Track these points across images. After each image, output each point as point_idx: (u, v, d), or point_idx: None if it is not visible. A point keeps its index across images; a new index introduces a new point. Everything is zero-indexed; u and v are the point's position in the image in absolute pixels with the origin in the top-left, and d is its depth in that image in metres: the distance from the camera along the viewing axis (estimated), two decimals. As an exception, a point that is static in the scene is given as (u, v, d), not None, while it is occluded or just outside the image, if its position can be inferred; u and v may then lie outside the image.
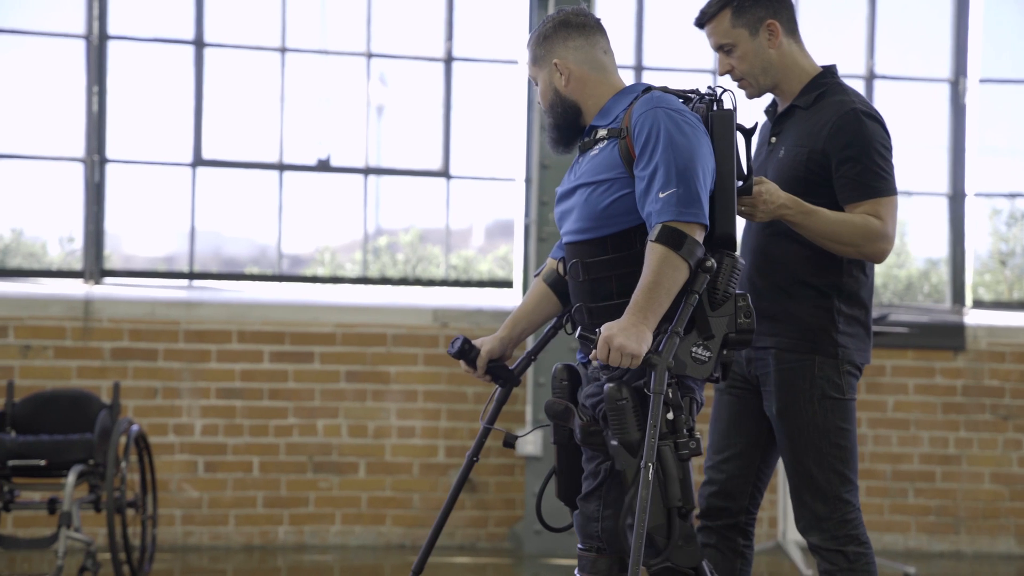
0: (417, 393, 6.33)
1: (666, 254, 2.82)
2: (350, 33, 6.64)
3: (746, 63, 3.24)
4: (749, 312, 2.91)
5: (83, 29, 6.33)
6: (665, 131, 2.88)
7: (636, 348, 2.78)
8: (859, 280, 3.21)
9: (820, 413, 3.15)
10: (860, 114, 3.15)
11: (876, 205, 3.12)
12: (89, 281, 6.32)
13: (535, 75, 3.11)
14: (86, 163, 6.31)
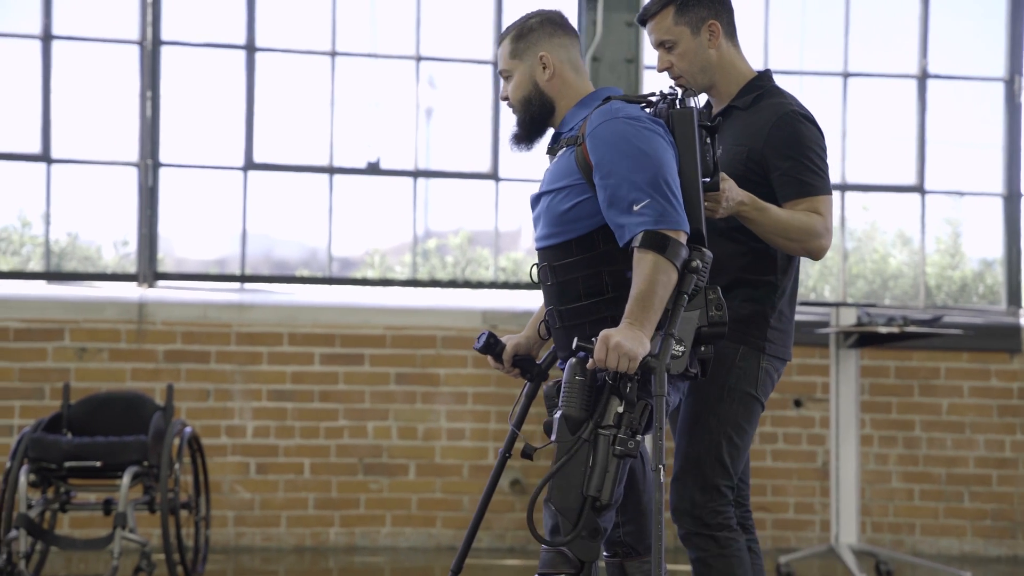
0: (467, 395, 6.35)
1: (655, 260, 2.85)
2: (399, 36, 6.67)
3: (685, 61, 3.28)
4: (720, 305, 2.93)
5: (137, 35, 6.40)
6: (627, 143, 2.92)
7: (633, 350, 2.79)
8: (788, 275, 3.27)
9: (727, 402, 3.18)
10: (798, 116, 3.22)
11: (815, 203, 3.17)
12: (143, 284, 6.39)
13: (511, 68, 3.10)
14: (140, 167, 6.38)
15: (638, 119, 2.96)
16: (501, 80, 3.15)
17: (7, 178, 6.44)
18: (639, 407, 2.86)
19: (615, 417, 2.84)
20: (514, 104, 3.11)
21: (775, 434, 6.48)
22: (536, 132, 3.10)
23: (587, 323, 2.94)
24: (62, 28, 6.37)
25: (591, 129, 2.97)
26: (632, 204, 2.89)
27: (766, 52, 6.82)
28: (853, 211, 6.98)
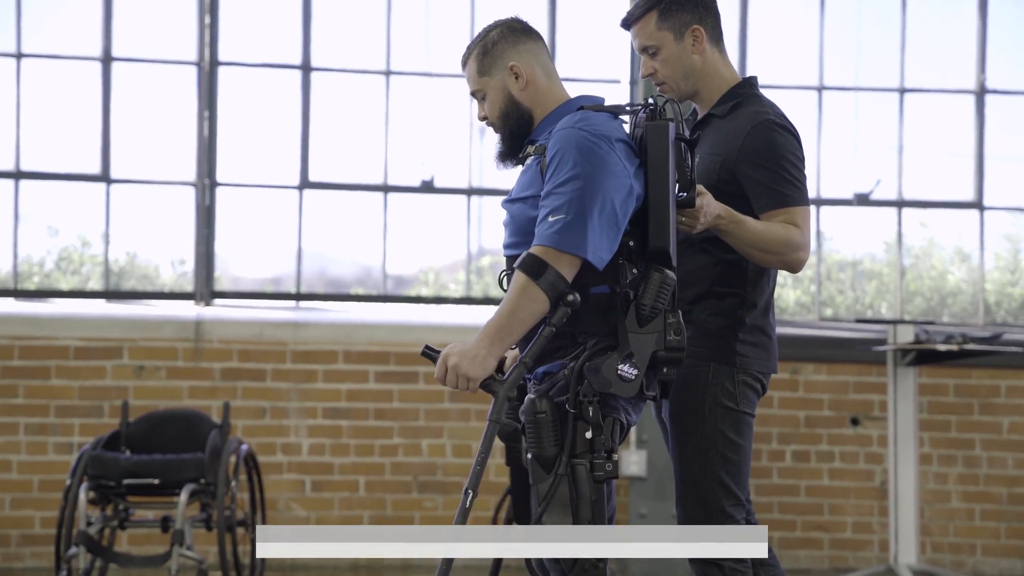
0: (521, 413, 6.33)
1: (525, 283, 2.77)
2: (453, 55, 6.70)
3: (669, 67, 3.20)
4: (679, 329, 2.83)
5: (195, 56, 6.47)
6: (573, 156, 2.82)
7: (469, 371, 2.75)
8: (761, 289, 3.18)
9: (710, 421, 3.11)
10: (774, 124, 3.13)
11: (792, 214, 3.09)
12: (200, 303, 6.45)
13: (482, 88, 2.99)
14: (197, 187, 6.45)
15: (597, 133, 2.85)
16: (475, 102, 3.04)
17: (68, 198, 6.53)
18: (608, 425, 2.81)
19: (586, 443, 2.78)
20: (494, 122, 3.00)
21: (832, 452, 6.43)
22: (520, 146, 3.01)
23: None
24: (121, 50, 6.46)
25: (553, 138, 2.89)
26: (548, 214, 2.81)
27: (821, 68, 6.78)
28: (911, 228, 6.91)
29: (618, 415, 2.86)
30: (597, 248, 2.80)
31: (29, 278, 6.52)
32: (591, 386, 2.79)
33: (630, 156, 2.88)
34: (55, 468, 5.96)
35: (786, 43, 6.91)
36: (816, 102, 6.79)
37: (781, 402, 6.40)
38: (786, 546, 6.38)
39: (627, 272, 2.86)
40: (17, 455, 5.97)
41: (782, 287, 6.99)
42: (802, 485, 6.41)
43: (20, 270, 6.44)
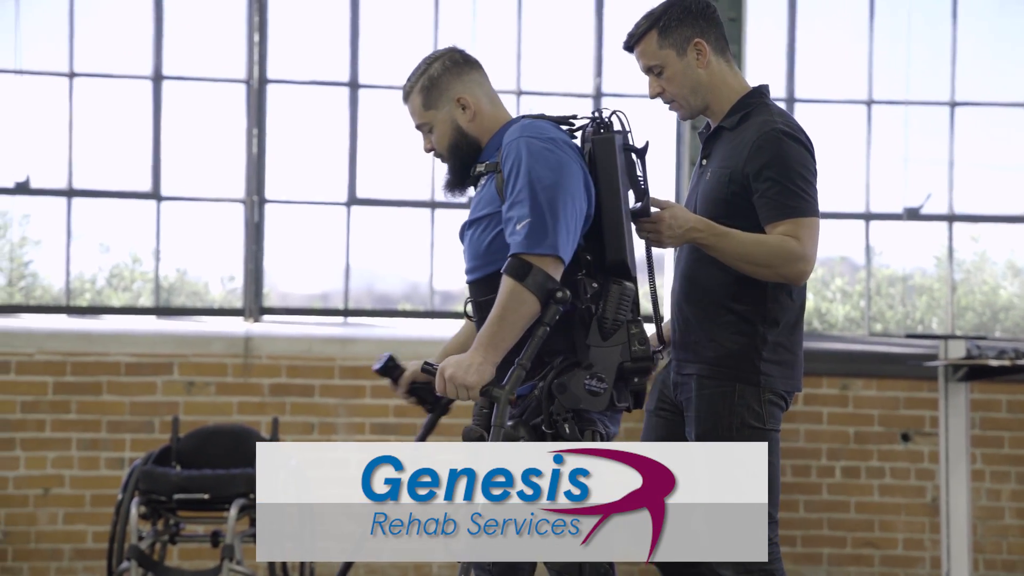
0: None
1: (512, 287, 2.78)
2: (500, 71, 6.72)
3: (675, 84, 3.17)
4: (643, 339, 2.84)
5: (244, 74, 6.53)
6: (526, 162, 2.83)
7: (466, 379, 2.76)
8: (784, 305, 3.11)
9: (739, 442, 3.06)
10: (781, 134, 3.07)
11: (795, 226, 3.03)
12: (249, 319, 6.49)
13: (429, 121, 3.03)
14: (246, 203, 6.50)
15: (542, 137, 2.87)
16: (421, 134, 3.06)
17: (120, 216, 6.60)
18: (587, 439, 2.81)
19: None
20: (443, 154, 3.03)
21: (882, 468, 6.37)
22: (467, 175, 3.02)
23: (511, 362, 2.83)
24: (171, 68, 6.53)
25: (503, 150, 2.90)
26: (516, 223, 2.82)
27: (870, 81, 6.74)
28: (961, 242, 6.85)
29: (596, 427, 2.85)
30: (565, 245, 2.81)
31: (81, 295, 6.59)
32: (562, 404, 2.80)
33: (580, 161, 2.90)
34: (107, 483, 6.01)
35: (835, 57, 6.87)
36: (865, 116, 6.75)
37: (831, 418, 6.35)
38: (836, 563, 6.33)
39: (587, 287, 2.85)
40: (70, 470, 6.04)
41: (831, 302, 6.94)
42: (852, 501, 6.35)
43: (72, 287, 6.51)
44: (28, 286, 6.54)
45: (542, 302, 2.78)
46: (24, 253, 6.54)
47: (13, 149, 6.43)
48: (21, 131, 6.48)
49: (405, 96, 3.06)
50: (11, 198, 6.45)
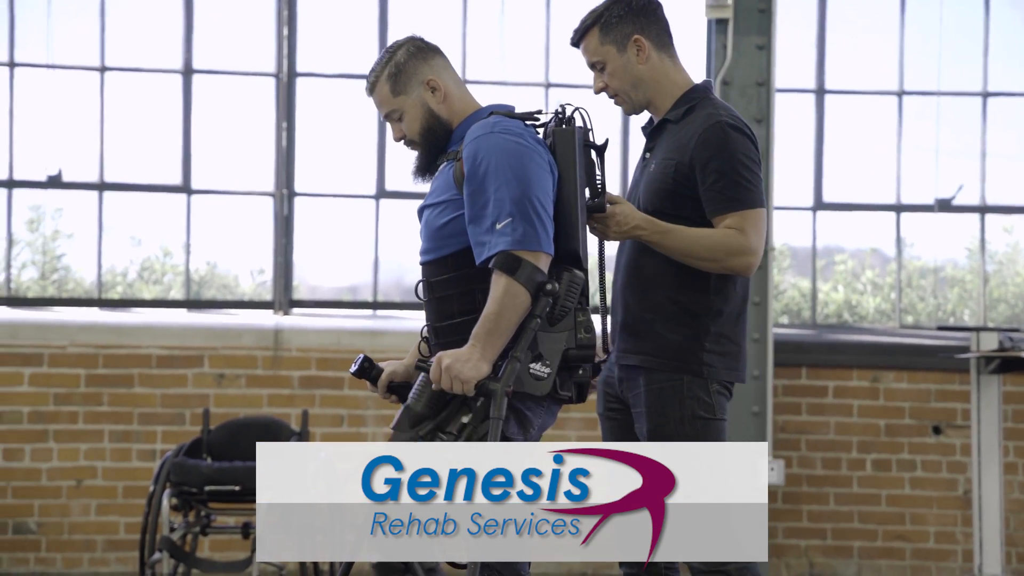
0: (579, 419, 6.32)
1: (506, 283, 2.82)
2: (528, 63, 6.71)
3: (617, 79, 3.24)
4: (590, 327, 2.88)
5: (273, 68, 6.55)
6: (497, 159, 2.86)
7: (464, 374, 2.79)
8: (728, 296, 3.15)
9: (691, 435, 3.10)
10: (726, 126, 3.12)
11: (741, 218, 3.08)
12: (278, 312, 6.51)
13: (399, 107, 3.04)
14: (276, 197, 6.52)
15: (515, 134, 2.90)
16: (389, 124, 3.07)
17: (150, 209, 6.63)
18: (486, 425, 2.82)
19: (459, 427, 2.83)
20: (415, 139, 3.05)
21: (913, 461, 6.33)
22: (436, 159, 3.05)
23: (462, 340, 2.88)
24: (201, 62, 6.55)
25: (467, 142, 2.93)
26: (495, 223, 2.85)
27: (901, 72, 6.69)
28: (994, 233, 6.80)
29: (506, 425, 2.87)
30: (547, 240, 2.86)
31: (113, 288, 6.63)
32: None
33: (547, 155, 2.94)
34: (139, 475, 6.06)
35: (865, 47, 6.83)
36: (896, 107, 6.71)
37: (861, 410, 6.33)
38: (867, 556, 6.30)
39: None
40: (102, 461, 6.08)
41: (861, 294, 6.91)
42: (883, 494, 6.32)
43: (104, 280, 6.55)
44: (61, 279, 6.59)
45: (532, 295, 2.83)
46: (57, 246, 6.59)
47: (45, 143, 6.47)
48: (53, 125, 6.52)
49: (371, 87, 3.07)
50: (44, 192, 6.49)
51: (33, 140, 6.46)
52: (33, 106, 6.47)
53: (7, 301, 6.41)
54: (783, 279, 6.87)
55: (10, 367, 6.02)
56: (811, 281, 6.77)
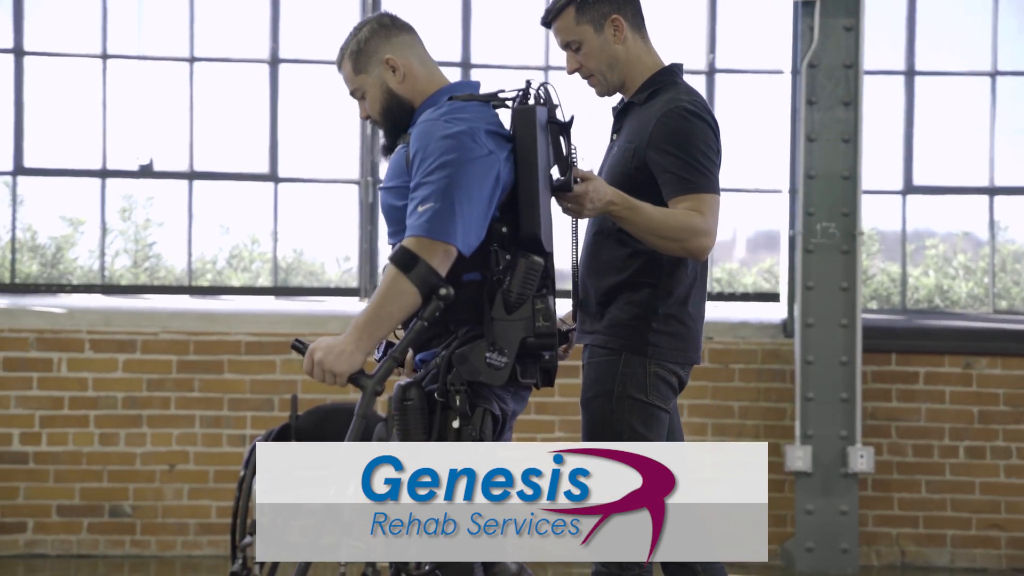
0: (682, 407, 6.28)
1: (395, 277, 2.76)
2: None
3: (592, 60, 3.20)
4: (548, 315, 2.81)
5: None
6: (437, 146, 2.81)
7: (335, 366, 2.75)
8: (678, 278, 3.16)
9: (617, 411, 3.08)
10: (684, 111, 3.10)
11: (697, 201, 3.06)
12: (364, 298, 6.57)
13: (360, 86, 3.01)
14: (361, 185, 6.57)
15: (459, 122, 2.84)
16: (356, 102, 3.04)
17: (239, 197, 6.73)
18: (477, 415, 2.79)
19: (453, 433, 2.77)
20: (377, 119, 3.01)
21: (1008, 449, 6.21)
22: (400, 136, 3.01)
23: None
24: (288, 52, 6.62)
25: (415, 126, 2.89)
26: (417, 205, 2.79)
27: (994, 52, 6.55)
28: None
29: (489, 405, 2.83)
30: (466, 235, 2.78)
31: (203, 275, 6.74)
32: (459, 374, 2.78)
33: (499, 143, 2.86)
34: (229, 459, 6.15)
35: (957, 28, 6.70)
36: (989, 88, 6.57)
37: (953, 397, 6.22)
38: (960, 544, 6.20)
39: (499, 259, 2.84)
40: (194, 447, 6.18)
41: (953, 279, 6.79)
42: (977, 482, 6.21)
43: (194, 268, 6.66)
44: (152, 267, 6.71)
45: (424, 296, 2.77)
46: (148, 235, 6.71)
47: (137, 133, 6.59)
48: (144, 116, 6.64)
49: (338, 64, 3.07)
50: (135, 181, 6.61)
51: (125, 130, 6.58)
52: (125, 97, 6.58)
53: (102, 289, 6.54)
54: (872, 264, 6.77)
55: (105, 353, 6.15)
56: (901, 266, 6.67)
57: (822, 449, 6.05)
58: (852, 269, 6.04)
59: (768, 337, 6.29)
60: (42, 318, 6.15)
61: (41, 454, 6.10)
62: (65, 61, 6.56)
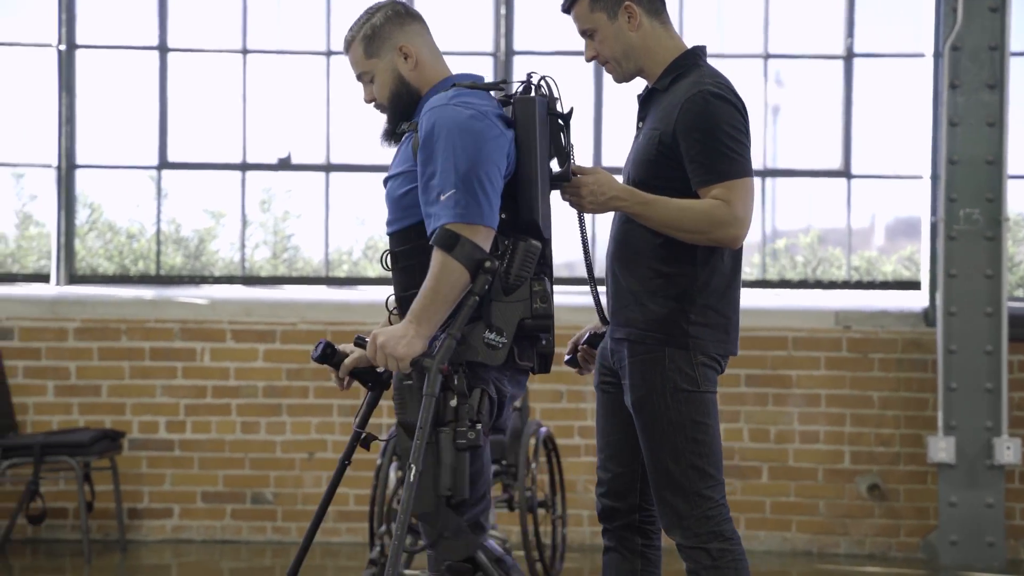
0: (820, 397, 6.20)
1: (443, 259, 2.79)
2: (746, 35, 6.60)
3: (607, 47, 3.17)
4: (545, 297, 2.86)
5: (491, 47, 6.62)
6: (448, 131, 2.83)
7: (398, 351, 2.77)
8: (715, 268, 3.08)
9: (673, 407, 3.05)
10: (708, 95, 3.04)
11: (726, 189, 3.01)
12: (498, 288, 6.60)
13: (370, 70, 3.02)
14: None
15: (470, 106, 2.86)
16: (362, 85, 3.05)
17: (374, 189, 6.81)
18: (474, 396, 2.83)
19: (451, 412, 2.80)
20: (383, 103, 3.03)
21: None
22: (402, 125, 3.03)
23: None
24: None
25: (423, 113, 2.90)
26: (439, 194, 2.82)
27: None
28: None
29: (487, 387, 2.88)
30: (491, 213, 2.84)
31: (339, 266, 6.85)
32: (459, 355, 2.83)
33: (505, 127, 2.91)
34: (366, 448, 6.23)
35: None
36: None
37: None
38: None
39: (498, 244, 2.89)
40: (332, 435, 6.29)
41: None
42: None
43: (331, 259, 6.77)
44: (291, 258, 6.84)
45: (471, 272, 2.82)
46: (286, 227, 6.84)
47: (276, 127, 6.72)
48: (283, 110, 6.76)
49: (347, 46, 3.08)
50: (274, 174, 6.75)
51: (264, 124, 6.71)
52: (264, 92, 6.72)
53: (242, 280, 6.69)
54: (1018, 251, 6.59)
55: (246, 343, 6.29)
56: (1048, 252, 6.47)
57: (966, 440, 5.91)
58: (997, 256, 5.89)
59: (909, 326, 6.17)
60: (186, 309, 6.31)
61: (186, 442, 6.26)
62: (207, 57, 6.72)
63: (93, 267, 6.69)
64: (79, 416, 6.23)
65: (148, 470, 6.25)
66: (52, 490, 6.18)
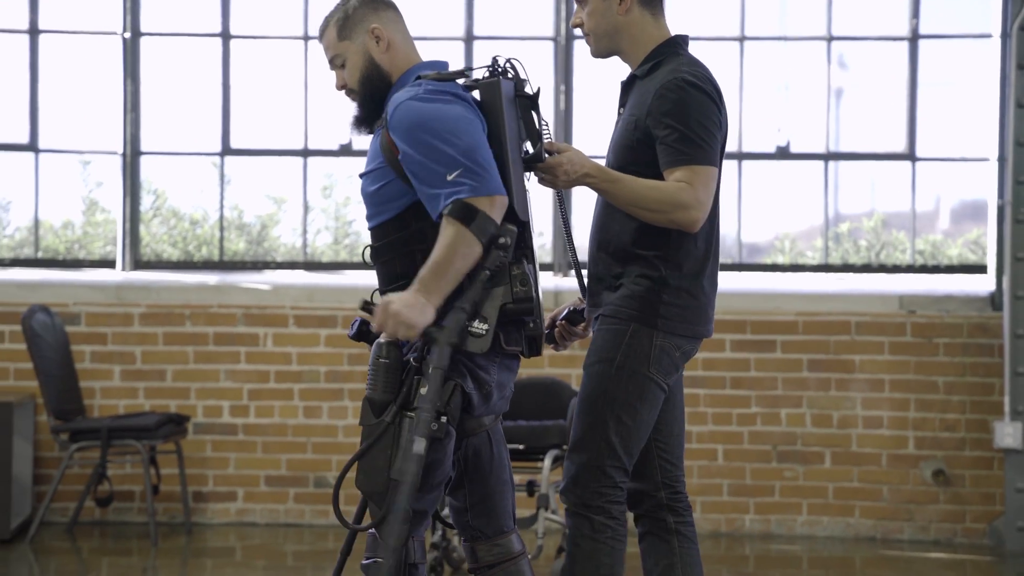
0: (883, 382, 6.15)
1: (458, 230, 2.76)
2: (809, 17, 6.54)
3: (592, 20, 3.22)
4: (525, 280, 2.84)
5: (551, 31, 6.61)
6: (431, 118, 2.83)
7: (411, 318, 2.74)
8: (688, 251, 3.14)
9: (615, 380, 3.10)
10: (684, 82, 3.10)
11: (691, 172, 3.06)
12: (558, 274, 6.61)
13: (341, 53, 3.01)
14: (554, 160, 6.59)
15: (441, 92, 2.87)
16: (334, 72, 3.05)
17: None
18: (447, 388, 2.80)
19: (420, 399, 2.78)
20: (354, 87, 3.02)
21: None
22: (378, 111, 3.01)
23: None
24: (482, 29, 6.67)
25: (391, 112, 2.89)
26: (446, 174, 2.80)
27: None
28: None
29: (462, 380, 2.86)
30: (500, 185, 2.85)
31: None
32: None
33: (476, 111, 2.92)
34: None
35: None
36: None
37: None
38: None
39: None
40: (393, 419, 6.32)
41: None
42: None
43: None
44: (352, 244, 6.88)
45: (485, 247, 2.81)
46: (347, 212, 6.88)
47: (337, 114, 6.74)
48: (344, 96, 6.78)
49: (321, 32, 3.09)
50: (336, 160, 6.78)
51: (326, 111, 6.73)
52: (325, 78, 6.73)
53: (304, 265, 6.74)
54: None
55: (308, 328, 6.34)
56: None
57: (1033, 427, 5.84)
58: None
59: (975, 310, 6.10)
60: (249, 294, 6.37)
61: (249, 426, 6.33)
62: (269, 44, 6.76)
63: (158, 253, 6.77)
64: (145, 400, 6.32)
65: (212, 454, 6.32)
66: (119, 473, 6.27)
